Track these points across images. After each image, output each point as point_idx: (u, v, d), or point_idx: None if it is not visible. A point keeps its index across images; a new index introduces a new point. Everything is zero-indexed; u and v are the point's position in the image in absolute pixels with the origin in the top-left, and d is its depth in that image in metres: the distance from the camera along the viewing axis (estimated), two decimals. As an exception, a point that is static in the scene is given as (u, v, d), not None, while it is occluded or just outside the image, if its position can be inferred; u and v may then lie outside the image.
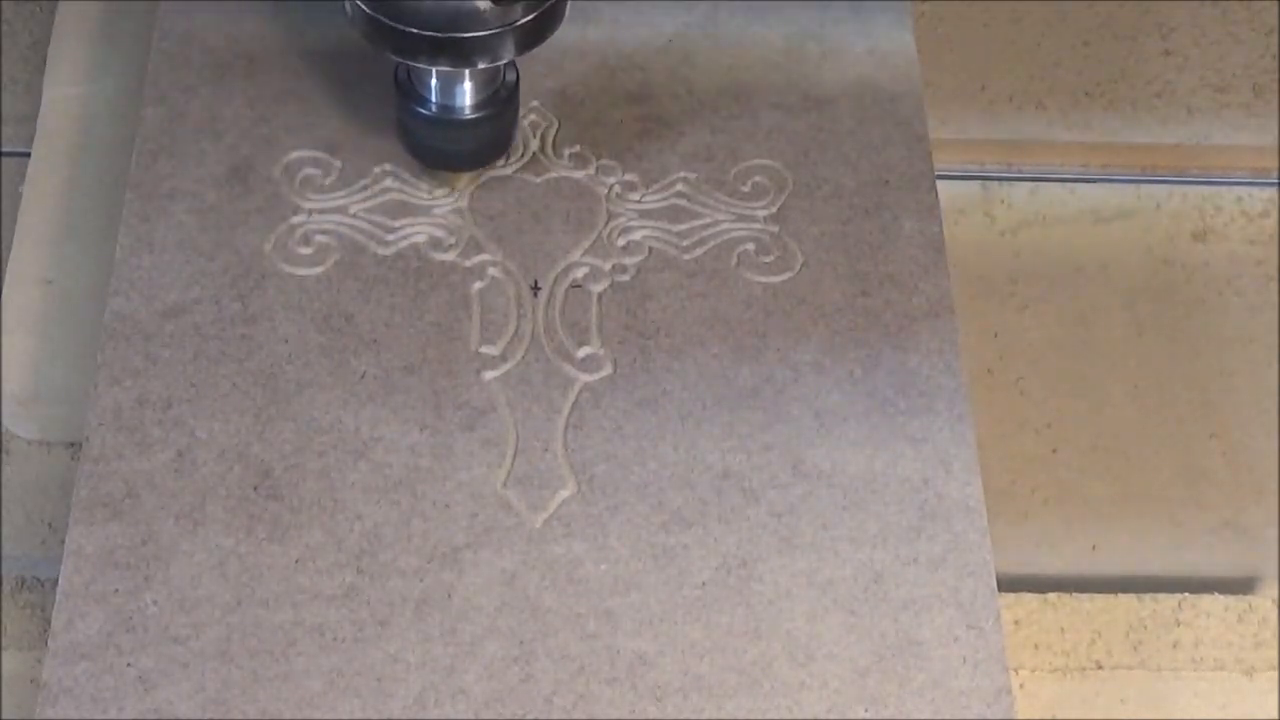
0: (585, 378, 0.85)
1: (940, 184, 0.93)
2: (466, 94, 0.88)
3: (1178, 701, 0.83)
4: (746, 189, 0.92)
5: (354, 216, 0.89)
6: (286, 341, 0.85)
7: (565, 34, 0.97)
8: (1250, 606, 0.86)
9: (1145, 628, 0.85)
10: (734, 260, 0.89)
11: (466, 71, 0.86)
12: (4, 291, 0.92)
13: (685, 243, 0.90)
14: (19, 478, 0.88)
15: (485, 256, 0.89)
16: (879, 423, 0.84)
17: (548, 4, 0.85)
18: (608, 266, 0.88)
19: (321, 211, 0.90)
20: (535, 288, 0.87)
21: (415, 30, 0.83)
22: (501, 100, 0.89)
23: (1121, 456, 0.93)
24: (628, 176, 0.92)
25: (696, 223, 0.90)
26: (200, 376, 0.84)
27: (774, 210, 0.91)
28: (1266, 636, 0.84)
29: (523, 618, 0.78)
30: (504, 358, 0.85)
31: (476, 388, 0.84)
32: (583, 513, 0.81)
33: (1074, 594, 0.86)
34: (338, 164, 0.91)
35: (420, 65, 0.86)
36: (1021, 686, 0.83)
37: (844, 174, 0.92)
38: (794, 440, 0.83)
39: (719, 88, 0.95)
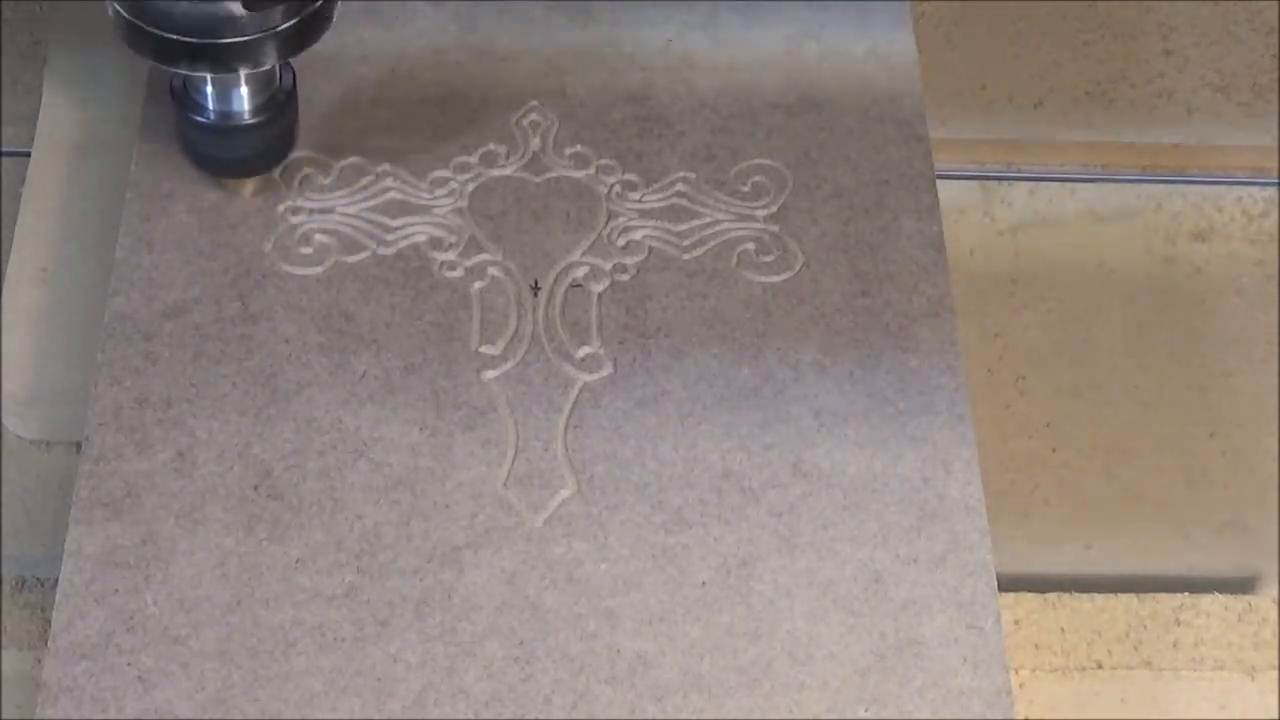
0: (585, 378, 0.85)
1: (940, 184, 0.93)
2: (242, 99, 0.87)
3: (1178, 701, 0.83)
4: (746, 189, 0.92)
5: (354, 216, 0.89)
6: (286, 341, 0.85)
7: (565, 34, 0.97)
8: (1250, 606, 0.86)
9: (1145, 628, 0.85)
10: (734, 260, 0.89)
11: (240, 76, 0.86)
12: (4, 291, 0.92)
13: (685, 243, 0.90)
14: (19, 478, 0.88)
15: (485, 256, 0.89)
16: (879, 423, 0.84)
17: (310, 9, 0.84)
18: (608, 266, 0.89)
19: (321, 211, 0.90)
20: (535, 288, 0.87)
21: (174, 36, 0.82)
22: (278, 104, 0.88)
23: (1121, 456, 0.93)
24: (628, 176, 0.92)
25: (696, 223, 0.90)
26: (200, 376, 0.84)
27: (774, 210, 0.91)
28: (1267, 636, 0.84)
29: (523, 618, 0.78)
30: (504, 358, 0.85)
31: (476, 388, 0.84)
32: (583, 513, 0.81)
33: (1074, 594, 0.86)
34: (337, 164, 0.91)
35: (181, 71, 0.85)
36: (1021, 686, 0.83)
37: (844, 174, 0.92)
38: (794, 440, 0.83)
39: (719, 88, 0.95)
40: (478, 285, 0.88)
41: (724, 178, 0.92)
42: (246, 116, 0.87)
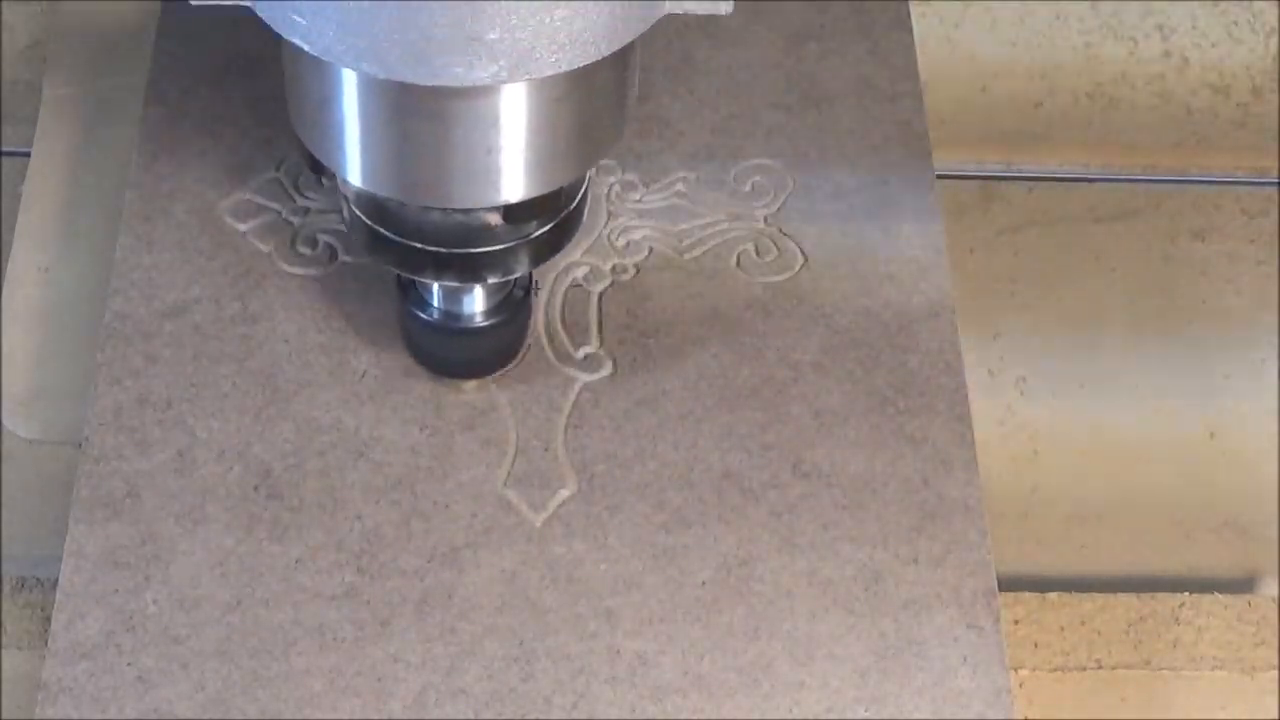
0: (585, 378, 0.85)
1: (940, 184, 0.93)
2: (475, 301, 0.81)
3: (1178, 701, 0.83)
4: (746, 189, 0.92)
5: (354, 216, 0.89)
6: (286, 341, 0.85)
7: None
8: (1250, 606, 0.86)
9: (1145, 627, 0.85)
10: (734, 260, 0.89)
11: None
12: (4, 291, 0.92)
13: (685, 243, 0.90)
14: (19, 478, 0.88)
15: (485, 256, 0.88)
16: (879, 423, 0.84)
17: (566, 212, 0.77)
18: (608, 266, 0.88)
19: (322, 211, 0.90)
20: (535, 287, 0.87)
21: (419, 245, 0.76)
22: (514, 305, 0.81)
23: (1121, 456, 0.93)
24: (628, 176, 0.92)
25: (696, 223, 0.90)
26: (200, 376, 0.84)
27: (774, 210, 0.91)
28: (1267, 636, 0.84)
29: (523, 618, 0.78)
30: (504, 358, 0.85)
31: (477, 388, 0.84)
32: (583, 512, 0.81)
33: (1074, 593, 0.85)
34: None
35: (425, 280, 0.79)
36: (1021, 686, 0.83)
37: (844, 174, 0.92)
38: (794, 440, 0.83)
39: (719, 88, 0.95)
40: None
41: (724, 178, 0.92)
42: (479, 319, 0.81)
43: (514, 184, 0.72)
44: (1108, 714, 0.83)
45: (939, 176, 0.93)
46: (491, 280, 0.78)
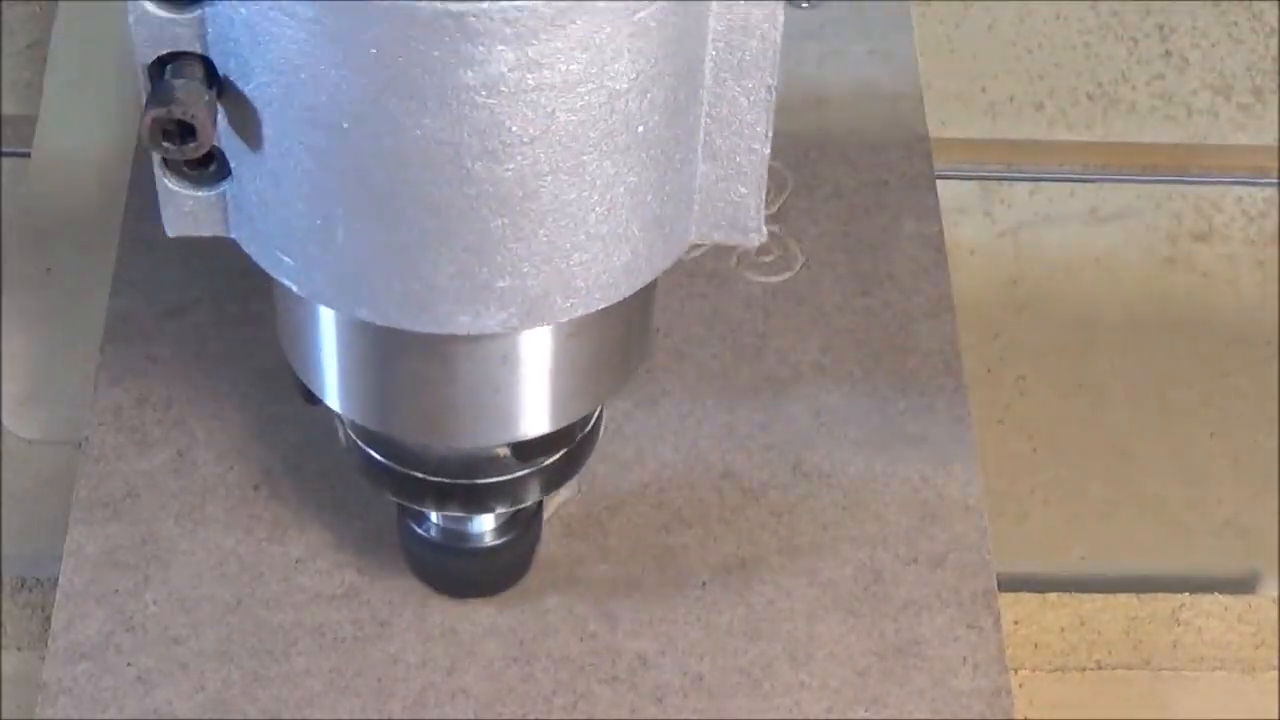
0: (585, 378, 0.85)
1: (940, 184, 0.93)
2: (482, 520, 0.74)
3: (1178, 701, 0.83)
4: (746, 189, 0.91)
5: (354, 216, 0.89)
6: (286, 341, 0.85)
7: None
8: (1251, 606, 0.86)
9: (1145, 627, 0.85)
10: (734, 260, 0.89)
11: None
12: (4, 291, 0.92)
13: (685, 243, 0.89)
14: (19, 478, 0.88)
15: (485, 256, 0.88)
16: (879, 423, 0.84)
17: (579, 438, 0.71)
18: (608, 266, 0.88)
19: (321, 211, 0.89)
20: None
21: (420, 475, 0.69)
22: (523, 521, 0.74)
23: (1121, 456, 0.93)
24: (628, 176, 0.91)
25: (696, 223, 0.90)
26: (200, 376, 0.84)
27: (774, 210, 0.91)
28: (1267, 636, 0.84)
29: (523, 618, 0.78)
30: (504, 358, 0.85)
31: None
32: (583, 513, 0.81)
33: (1074, 594, 0.85)
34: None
35: (425, 510, 0.73)
36: (1021, 686, 0.83)
37: (844, 174, 0.92)
38: (794, 440, 0.83)
39: (719, 88, 0.95)
40: (478, 285, 0.87)
41: (724, 178, 0.92)
42: (487, 538, 0.74)
43: (524, 422, 0.66)
44: (1108, 714, 0.83)
45: (939, 176, 0.93)
46: (499, 510, 0.72)
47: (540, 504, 0.75)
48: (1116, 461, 0.93)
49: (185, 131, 0.54)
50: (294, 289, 0.60)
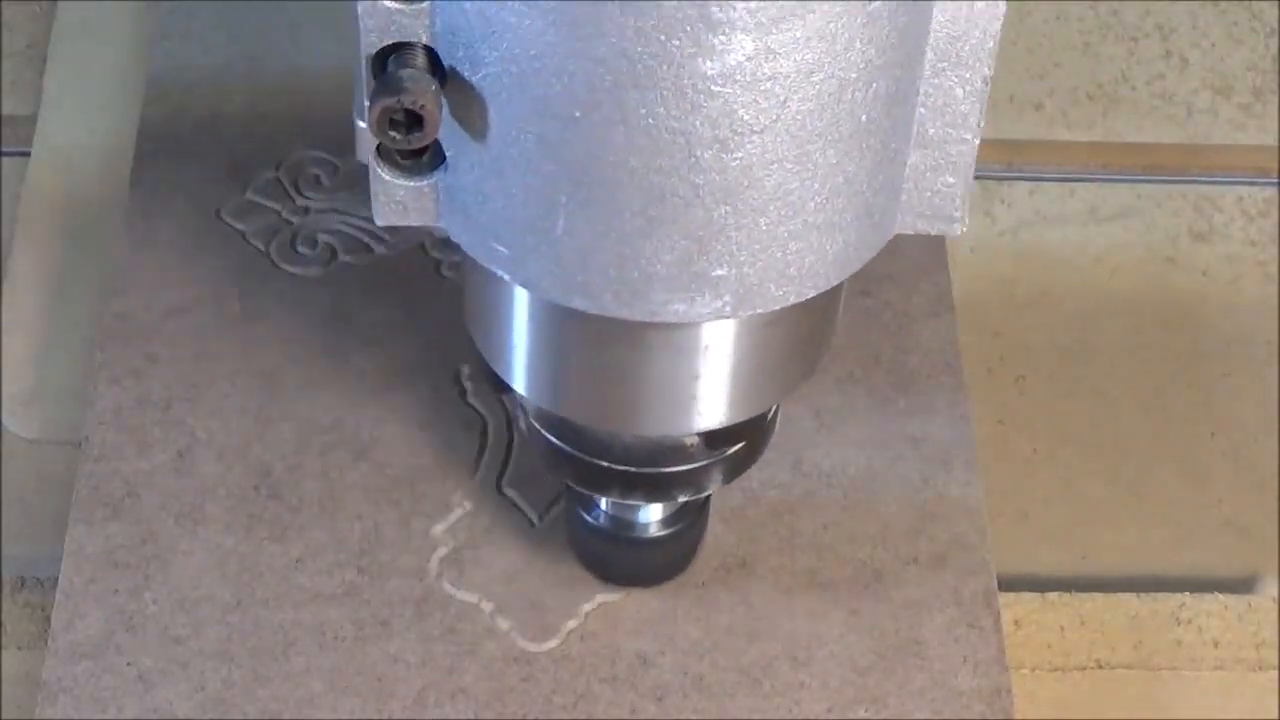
0: (585, 378, 0.85)
1: (940, 184, 0.93)
2: (652, 510, 0.75)
3: (1178, 701, 0.83)
4: (746, 189, 0.91)
5: (355, 216, 0.89)
6: (286, 341, 0.85)
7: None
8: (1251, 606, 0.85)
9: (1146, 627, 0.85)
10: (734, 260, 0.89)
11: None
12: (4, 291, 0.92)
13: (685, 243, 0.89)
14: (19, 478, 0.88)
15: (485, 256, 0.88)
16: (879, 423, 0.84)
17: (761, 427, 0.72)
18: (608, 266, 0.88)
19: (322, 211, 0.90)
20: None
21: (605, 464, 0.70)
22: (693, 510, 0.75)
23: (1121, 456, 0.93)
24: (628, 176, 0.91)
25: (696, 223, 0.90)
26: (200, 376, 0.84)
27: (774, 210, 0.91)
28: (1267, 636, 0.84)
29: (523, 617, 0.78)
30: (504, 357, 0.85)
31: (477, 387, 0.84)
32: (583, 512, 0.81)
33: (1074, 594, 0.85)
34: (339, 164, 0.91)
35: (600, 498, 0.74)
36: (1021, 686, 0.83)
37: (844, 174, 0.92)
38: (794, 440, 0.83)
39: (719, 88, 0.95)
40: (478, 285, 0.87)
41: (724, 178, 0.92)
42: (653, 529, 0.75)
43: (718, 410, 0.66)
44: (1108, 714, 0.83)
45: (939, 176, 0.93)
46: (681, 499, 0.73)
47: (709, 496, 0.75)
48: (1116, 461, 0.92)
49: (412, 121, 0.54)
50: (506, 278, 0.60)
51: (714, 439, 0.69)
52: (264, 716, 0.75)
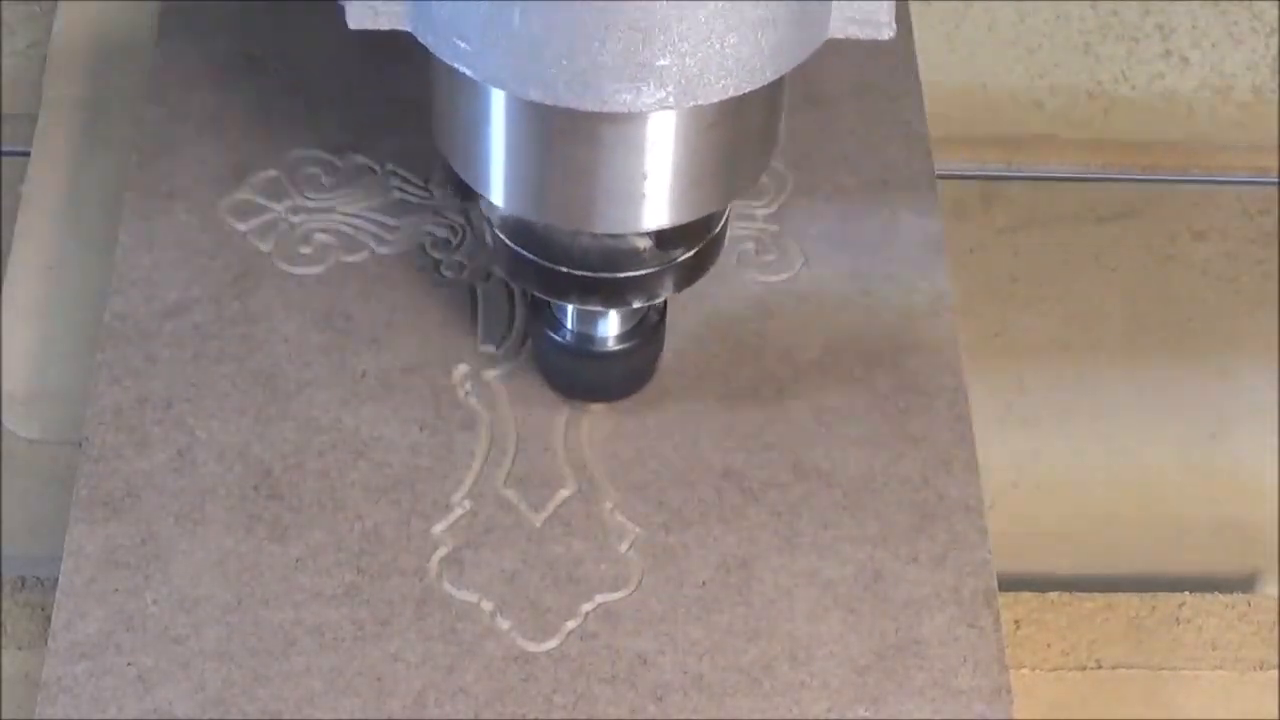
0: (585, 377, 0.85)
1: (940, 184, 0.93)
2: (610, 325, 0.80)
3: (1178, 701, 0.83)
4: (747, 189, 0.92)
5: (355, 216, 0.89)
6: (286, 341, 0.85)
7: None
8: (1250, 606, 0.86)
9: (1146, 627, 0.85)
10: (734, 260, 0.89)
11: None
12: (4, 291, 0.92)
13: (685, 242, 0.89)
14: (19, 478, 0.88)
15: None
16: (879, 422, 0.84)
17: (710, 237, 0.78)
18: (608, 266, 0.88)
19: (322, 211, 0.90)
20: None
21: (565, 269, 0.76)
22: (648, 329, 0.81)
23: (1121, 456, 0.93)
24: (628, 176, 0.91)
25: (696, 222, 0.90)
26: (200, 376, 0.84)
27: (774, 210, 0.91)
28: (1267, 636, 0.84)
29: (523, 617, 0.78)
30: (504, 357, 0.85)
31: (477, 387, 0.84)
32: (583, 513, 0.81)
33: (1074, 594, 0.85)
34: (338, 163, 0.91)
35: (568, 304, 0.79)
36: (1021, 686, 0.83)
37: (844, 174, 0.92)
38: (794, 440, 0.83)
39: (719, 87, 0.95)
40: (478, 285, 0.88)
41: (724, 178, 0.92)
42: (612, 343, 0.81)
43: (666, 209, 0.72)
44: (1108, 714, 0.83)
45: (939, 176, 0.93)
46: (635, 304, 0.78)
47: (663, 318, 0.81)
48: (1116, 461, 0.93)
49: None
50: (469, 73, 0.66)
51: (664, 242, 0.75)
52: (264, 716, 0.75)
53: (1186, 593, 0.86)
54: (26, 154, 0.98)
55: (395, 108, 0.93)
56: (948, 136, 1.00)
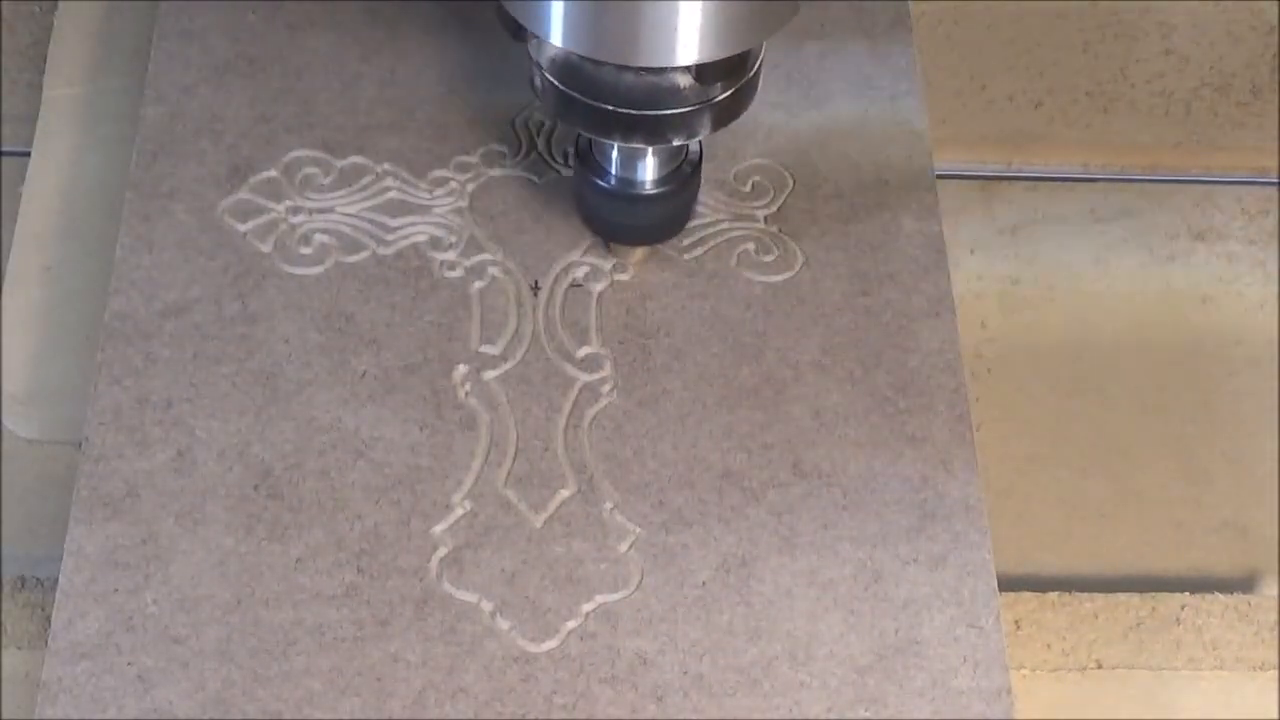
0: (585, 377, 0.85)
1: (940, 184, 0.93)
2: (649, 168, 0.85)
3: (1178, 701, 0.83)
4: (746, 189, 0.92)
5: (354, 216, 0.89)
6: (286, 341, 0.85)
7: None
8: (1251, 606, 0.86)
9: (1145, 628, 0.85)
10: (734, 260, 0.89)
11: (649, 147, 0.84)
12: (4, 291, 0.92)
13: (685, 242, 0.90)
14: (19, 478, 0.88)
15: (485, 256, 0.89)
16: (879, 423, 0.84)
17: (746, 78, 0.82)
18: (608, 266, 0.88)
19: (322, 211, 0.90)
20: (535, 287, 0.87)
21: (610, 107, 0.80)
22: (684, 176, 0.86)
23: (1121, 456, 0.93)
24: (628, 176, 0.92)
25: (696, 222, 0.90)
26: (200, 376, 0.84)
27: (774, 210, 0.91)
28: (1267, 636, 0.84)
29: (523, 617, 0.78)
30: (504, 357, 0.85)
31: (477, 387, 0.84)
32: (583, 513, 0.81)
33: (1074, 594, 0.86)
34: (338, 164, 0.91)
35: (611, 142, 0.83)
36: (1021, 686, 0.83)
37: (844, 174, 0.92)
38: (794, 440, 0.83)
39: (719, 87, 0.95)
40: (478, 285, 0.88)
41: (724, 178, 0.92)
42: (649, 186, 0.86)
43: (704, 44, 0.77)
44: (1108, 714, 0.83)
45: (939, 176, 0.93)
46: (676, 142, 0.82)
47: (698, 166, 0.86)
48: (1116, 461, 0.93)
49: None
50: None
51: (703, 77, 0.79)
52: (264, 716, 0.75)
53: (1186, 593, 0.86)
54: (26, 154, 0.98)
55: (394, 107, 0.93)
56: (948, 136, 1.00)
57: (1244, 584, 0.89)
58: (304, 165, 0.91)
